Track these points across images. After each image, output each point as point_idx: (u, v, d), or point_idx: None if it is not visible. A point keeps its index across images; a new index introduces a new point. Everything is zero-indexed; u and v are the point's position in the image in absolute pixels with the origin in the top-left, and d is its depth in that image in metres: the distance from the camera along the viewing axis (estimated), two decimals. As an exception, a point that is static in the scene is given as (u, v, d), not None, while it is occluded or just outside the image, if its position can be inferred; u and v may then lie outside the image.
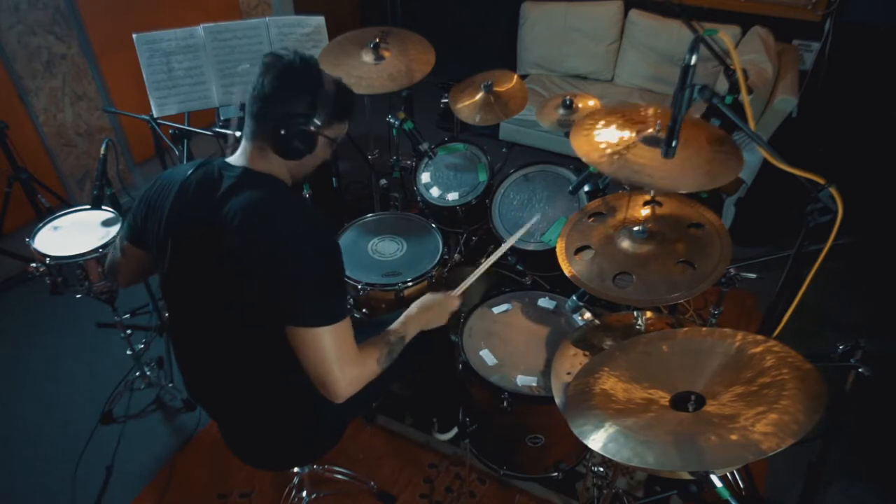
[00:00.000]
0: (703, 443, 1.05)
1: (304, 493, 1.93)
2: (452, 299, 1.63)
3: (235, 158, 1.35)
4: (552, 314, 2.00)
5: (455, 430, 2.12)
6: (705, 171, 1.39)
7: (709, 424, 1.09)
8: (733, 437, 1.04)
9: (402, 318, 1.53)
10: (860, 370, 1.41)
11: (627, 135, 1.52)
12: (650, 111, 1.59)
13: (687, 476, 1.28)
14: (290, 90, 1.28)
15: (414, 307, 1.57)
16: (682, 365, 1.24)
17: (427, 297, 1.61)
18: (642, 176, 1.39)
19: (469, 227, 2.54)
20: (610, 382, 1.26)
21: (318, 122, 1.30)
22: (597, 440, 1.13)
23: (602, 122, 1.59)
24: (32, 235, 1.97)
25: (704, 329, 1.30)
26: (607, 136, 1.53)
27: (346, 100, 1.38)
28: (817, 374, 1.10)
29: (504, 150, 2.85)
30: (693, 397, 1.17)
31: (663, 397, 1.19)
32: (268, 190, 1.29)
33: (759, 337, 1.22)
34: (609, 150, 1.48)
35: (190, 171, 1.35)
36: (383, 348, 1.41)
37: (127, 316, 2.56)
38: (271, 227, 1.24)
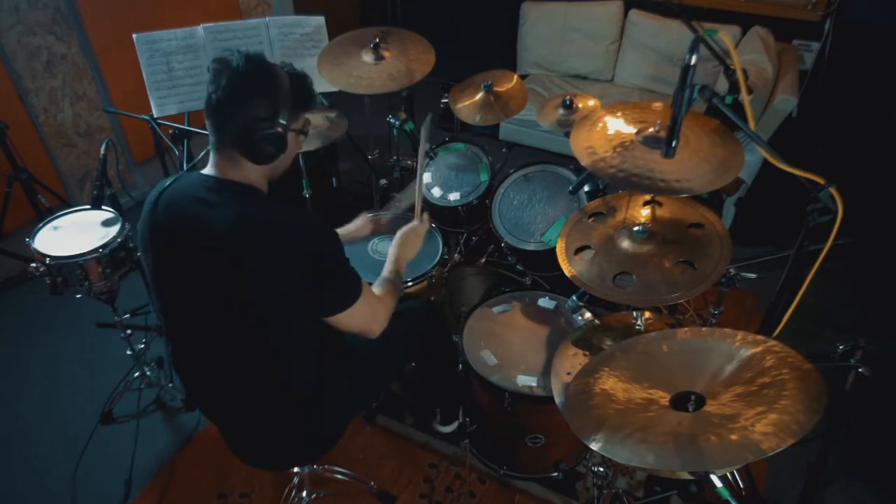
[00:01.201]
0: (703, 443, 1.04)
1: (304, 493, 1.93)
2: (421, 226, 1.79)
3: (208, 170, 1.32)
4: (552, 314, 2.00)
5: (457, 423, 2.13)
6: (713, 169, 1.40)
7: (709, 424, 1.08)
8: (733, 437, 1.04)
9: (390, 259, 1.69)
10: (860, 370, 1.41)
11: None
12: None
13: (687, 476, 1.28)
14: (245, 95, 1.24)
15: (395, 245, 1.73)
16: (682, 365, 1.24)
17: (400, 233, 1.76)
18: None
19: (469, 227, 2.54)
20: (610, 382, 1.26)
21: (283, 120, 1.27)
22: (597, 440, 1.13)
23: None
24: (32, 235, 1.97)
25: (704, 329, 1.30)
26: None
27: (305, 87, 1.34)
28: (817, 373, 1.10)
29: (504, 150, 2.85)
30: (693, 397, 1.17)
31: (663, 397, 1.19)
32: (245, 200, 1.27)
33: (759, 337, 1.22)
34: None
35: (168, 183, 1.33)
36: (392, 287, 1.59)
37: (127, 316, 2.56)
38: (260, 238, 1.22)
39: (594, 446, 1.12)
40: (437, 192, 2.47)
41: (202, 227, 1.25)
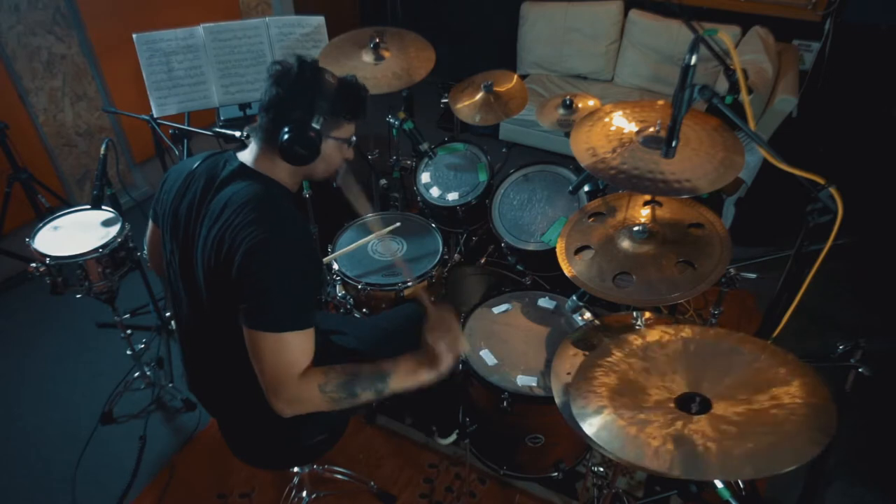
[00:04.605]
0: (701, 448, 1.03)
1: (304, 493, 1.93)
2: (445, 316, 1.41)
3: (241, 154, 1.37)
4: (552, 314, 2.00)
5: (455, 435, 2.13)
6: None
7: (709, 432, 1.07)
8: (729, 450, 1.02)
9: (402, 358, 1.36)
10: (860, 370, 1.41)
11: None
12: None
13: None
14: (287, 96, 1.28)
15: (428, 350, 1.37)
16: (698, 366, 1.21)
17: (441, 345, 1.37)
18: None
19: (469, 227, 2.54)
20: (618, 371, 1.24)
21: (316, 125, 1.29)
22: (594, 428, 1.11)
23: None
24: (32, 235, 1.97)
25: (737, 334, 1.26)
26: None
27: (352, 98, 1.36)
28: (832, 407, 1.06)
29: (504, 150, 2.85)
30: (698, 399, 1.16)
31: (669, 396, 1.18)
32: (257, 188, 1.29)
33: (790, 357, 1.17)
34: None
35: (197, 163, 1.38)
36: (338, 377, 1.27)
37: (127, 316, 2.56)
38: (246, 223, 1.23)
39: (588, 430, 1.11)
40: (435, 192, 2.47)
41: (220, 196, 1.28)
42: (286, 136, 1.27)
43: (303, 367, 1.25)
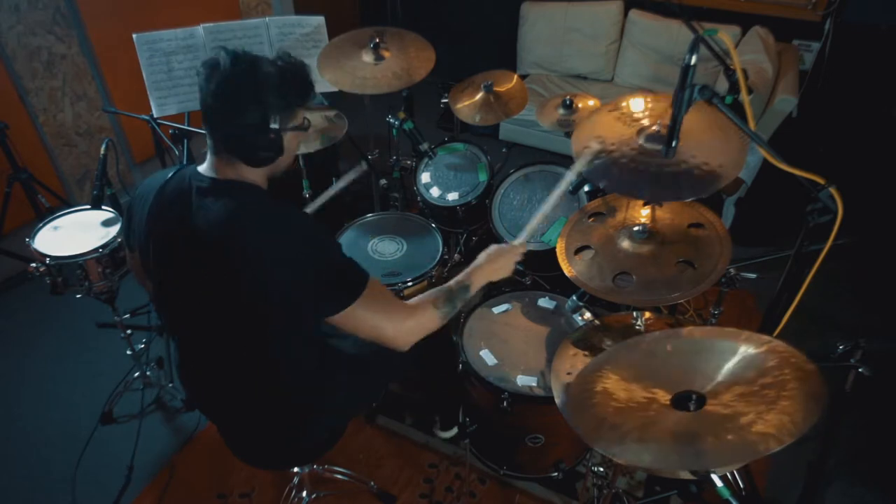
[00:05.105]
0: (703, 442, 1.04)
1: (304, 493, 1.93)
2: (517, 248, 1.61)
3: (204, 168, 1.30)
4: (552, 314, 2.00)
5: (456, 429, 2.13)
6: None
7: (708, 424, 1.08)
8: (732, 437, 1.03)
9: (467, 269, 1.52)
10: (860, 370, 1.41)
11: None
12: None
13: (687, 476, 1.27)
14: (233, 101, 1.20)
15: (482, 257, 1.56)
16: (685, 364, 1.23)
17: (493, 248, 1.59)
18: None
19: (469, 227, 2.54)
20: (611, 381, 1.25)
21: (275, 125, 1.23)
22: (602, 440, 1.12)
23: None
24: (32, 235, 1.97)
25: (709, 328, 1.30)
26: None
27: (298, 83, 1.27)
28: (818, 374, 1.09)
29: (504, 150, 2.84)
30: (694, 397, 1.17)
31: (664, 397, 1.19)
32: (239, 199, 1.25)
33: (764, 337, 1.20)
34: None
35: (168, 177, 1.33)
36: (440, 296, 1.42)
37: (127, 316, 2.56)
38: (254, 237, 1.21)
39: (599, 447, 1.11)
40: (435, 192, 2.47)
41: (199, 223, 1.24)
42: (248, 145, 1.23)
43: (398, 299, 1.37)
